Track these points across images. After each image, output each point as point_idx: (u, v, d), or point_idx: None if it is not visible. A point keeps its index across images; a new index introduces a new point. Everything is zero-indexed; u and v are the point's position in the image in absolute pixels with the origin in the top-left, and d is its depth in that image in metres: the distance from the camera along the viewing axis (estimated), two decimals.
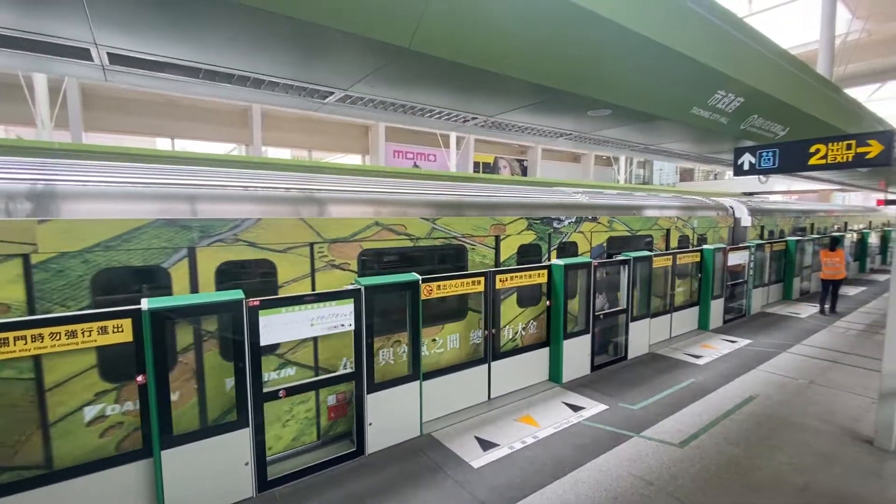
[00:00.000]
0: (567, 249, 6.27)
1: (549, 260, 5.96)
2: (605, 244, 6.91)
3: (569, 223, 6.23)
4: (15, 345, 2.68)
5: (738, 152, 4.91)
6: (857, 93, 29.76)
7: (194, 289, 3.41)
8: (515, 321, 5.45)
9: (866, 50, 20.70)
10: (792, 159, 4.54)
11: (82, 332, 2.85)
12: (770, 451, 4.08)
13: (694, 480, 3.63)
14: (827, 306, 9.71)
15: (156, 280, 3.31)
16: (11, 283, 2.82)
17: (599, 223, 6.72)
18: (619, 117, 3.65)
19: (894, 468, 3.77)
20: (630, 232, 7.35)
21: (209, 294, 3.28)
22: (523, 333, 5.55)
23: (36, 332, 2.72)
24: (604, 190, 8.22)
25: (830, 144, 4.20)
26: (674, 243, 8.42)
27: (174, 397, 3.16)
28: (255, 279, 3.73)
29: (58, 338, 2.79)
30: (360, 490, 3.51)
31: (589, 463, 3.87)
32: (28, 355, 2.75)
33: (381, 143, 21.39)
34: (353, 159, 22.42)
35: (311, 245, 3.94)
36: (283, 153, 19.46)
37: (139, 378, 3.07)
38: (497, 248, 5.38)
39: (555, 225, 6.05)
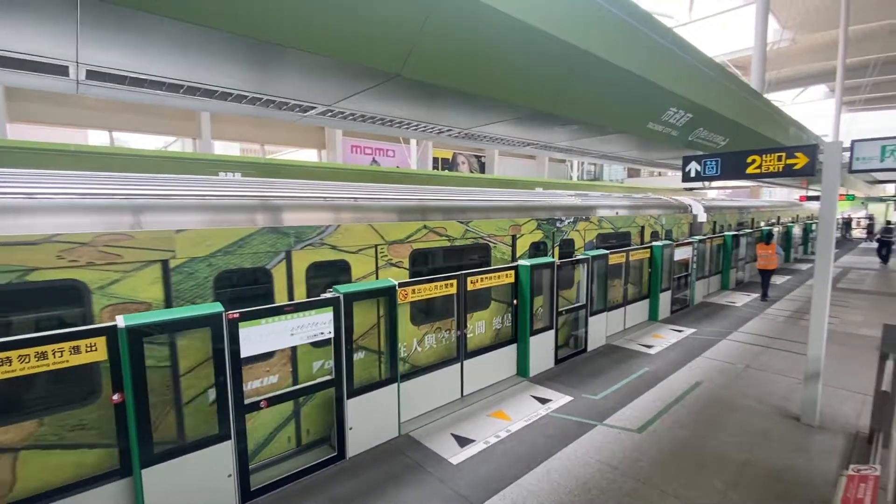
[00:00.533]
0: (566, 245, 7.16)
1: (554, 254, 6.80)
2: (594, 240, 7.88)
3: (568, 223, 7.11)
4: None
5: (686, 160, 5.35)
6: (784, 95, 32.47)
7: (290, 286, 3.93)
8: (486, 320, 5.68)
9: (792, 57, 22.60)
10: (732, 168, 5.02)
11: (53, 354, 2.75)
12: (715, 431, 4.55)
13: (652, 463, 4.00)
14: (764, 296, 10.84)
15: (261, 280, 3.82)
16: (153, 284, 3.27)
17: (591, 222, 7.69)
18: (586, 131, 3.92)
19: (818, 441, 4.32)
20: (614, 229, 8.36)
21: (187, 308, 3.22)
22: (497, 329, 5.80)
23: (3, 355, 2.60)
24: (590, 193, 9.34)
25: (764, 156, 4.70)
26: (647, 238, 9.44)
27: (156, 413, 3.11)
28: (335, 276, 4.28)
29: (27, 360, 2.67)
30: (345, 493, 3.60)
31: (559, 452, 4.16)
32: None
33: (339, 139, 20.98)
34: (308, 154, 21.85)
35: (376, 247, 4.56)
36: (232, 148, 18.63)
37: (115, 397, 2.99)
38: (514, 246, 6.15)
39: (557, 225, 6.92)
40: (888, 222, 25.50)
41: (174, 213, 3.35)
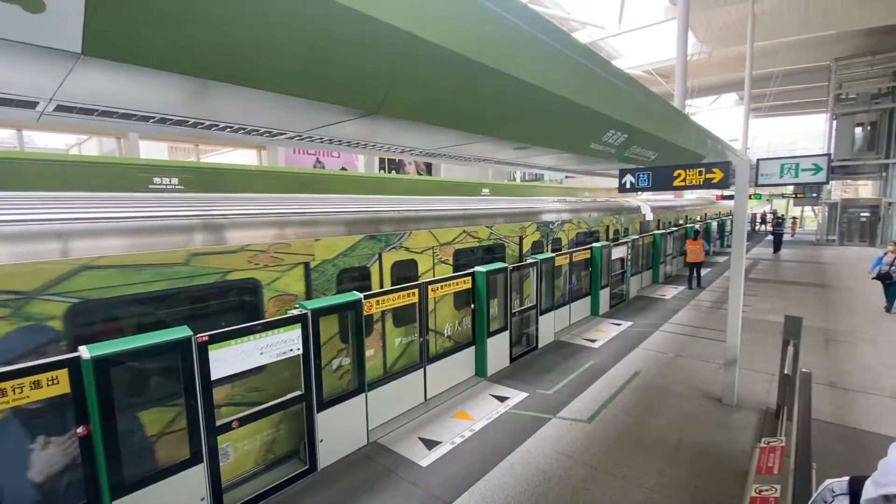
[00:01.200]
0: (556, 242, 9.06)
1: (547, 250, 8.52)
2: (574, 237, 9.79)
3: (557, 225, 9.02)
4: None
5: (622, 173, 5.91)
6: (702, 102, 35.45)
7: (381, 279, 5.21)
8: (448, 324, 5.93)
9: (708, 68, 24.73)
10: (661, 180, 5.62)
11: (13, 389, 2.64)
12: (653, 416, 5.11)
13: (601, 449, 4.45)
14: (694, 283, 12.50)
15: (364, 275, 5.04)
16: (298, 280, 4.35)
17: (573, 224, 9.65)
18: (536, 152, 4.27)
19: (736, 419, 5.00)
20: (588, 228, 10.34)
21: (154, 334, 3.17)
22: (457, 331, 6.08)
23: None
24: (568, 198, 11.16)
25: (688, 171, 5.32)
26: (612, 235, 11.45)
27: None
28: (408, 272, 5.61)
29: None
30: (324, 503, 3.70)
31: (520, 447, 4.50)
32: None
33: None
34: (247, 154, 20.95)
35: (433, 248, 5.94)
36: (160, 148, 17.43)
37: (80, 430, 2.90)
38: (521, 245, 7.80)
39: (550, 227, 8.77)
40: (776, 214, 28.98)
41: (314, 226, 4.54)
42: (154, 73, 1.81)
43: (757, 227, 34.14)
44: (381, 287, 5.16)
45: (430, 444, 4.57)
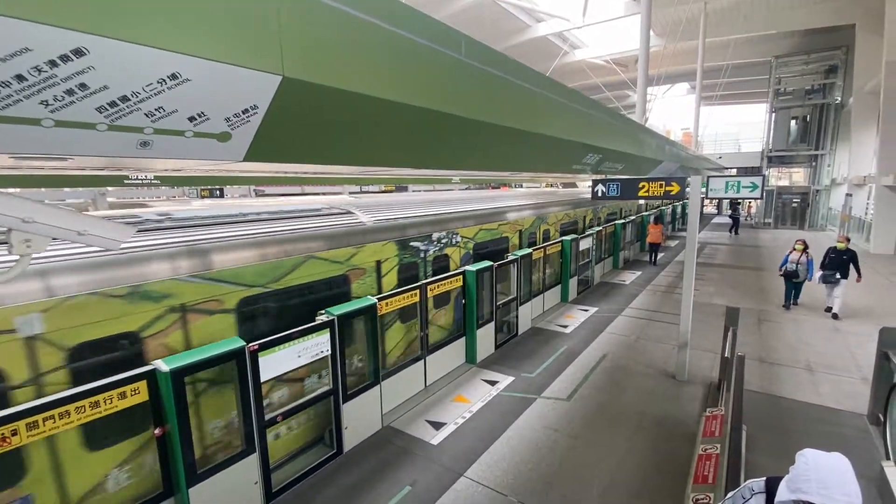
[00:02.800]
0: (545, 232, 10.75)
1: (538, 239, 10.15)
2: (558, 227, 11.49)
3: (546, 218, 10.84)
4: (44, 425, 2.85)
5: (595, 183, 6.70)
6: (657, 90, 37.14)
7: (538, 240, 9.02)
8: (444, 319, 6.62)
9: (664, 60, 26.03)
10: (628, 190, 6.46)
11: (104, 401, 3.10)
12: (620, 393, 6.06)
13: (580, 423, 5.34)
14: (655, 260, 14.79)
15: (533, 241, 8.84)
16: (516, 239, 7.74)
17: (557, 216, 11.38)
18: (530, 171, 4.97)
19: (687, 392, 6.03)
20: (569, 218, 12.00)
21: (215, 345, 3.66)
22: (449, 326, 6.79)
23: (62, 410, 2.91)
24: (557, 191, 13.39)
25: (650, 183, 6.17)
26: (588, 224, 13.21)
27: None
28: (547, 237, 9.23)
29: (83, 410, 3.00)
30: (352, 481, 4.35)
31: (513, 424, 5.31)
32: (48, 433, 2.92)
33: None
34: None
35: (519, 231, 9.01)
36: None
37: (157, 431, 3.40)
38: (520, 236, 9.32)
39: (541, 220, 10.52)
40: (731, 201, 31.42)
41: (520, 211, 8.49)
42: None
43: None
44: (543, 242, 9.59)
45: (437, 426, 5.30)
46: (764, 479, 2.13)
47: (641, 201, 16.47)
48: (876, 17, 17.03)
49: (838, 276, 8.86)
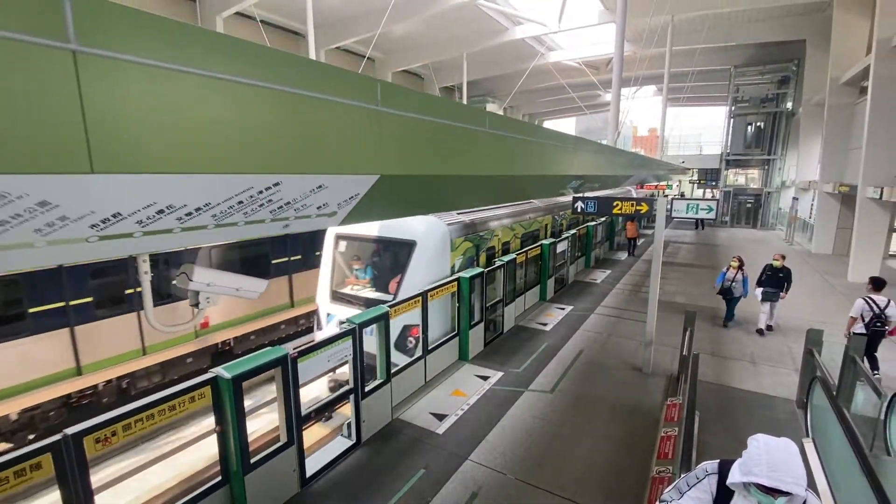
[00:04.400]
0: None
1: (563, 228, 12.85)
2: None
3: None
4: (135, 426, 3.42)
5: (574, 200, 7.53)
6: (626, 91, 38.54)
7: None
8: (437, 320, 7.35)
9: (635, 65, 27.25)
10: (604, 207, 7.33)
11: (179, 405, 3.67)
12: (595, 385, 6.98)
13: (563, 412, 6.20)
14: (632, 253, 16.84)
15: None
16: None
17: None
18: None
19: (651, 384, 7.00)
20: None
21: (263, 353, 4.26)
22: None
23: (148, 412, 3.48)
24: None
25: (623, 203, 7.05)
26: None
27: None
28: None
29: (164, 412, 3.58)
30: (377, 465, 5.06)
31: (506, 414, 6.12)
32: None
33: None
34: None
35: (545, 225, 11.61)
36: None
37: (217, 428, 3.99)
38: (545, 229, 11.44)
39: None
40: (683, 195, 33.51)
41: None
42: None
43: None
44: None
45: (440, 417, 6.05)
46: (718, 461, 2.25)
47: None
48: (824, 35, 18.63)
49: (779, 293, 8.81)
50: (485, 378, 7.20)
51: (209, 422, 6.22)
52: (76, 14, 1.17)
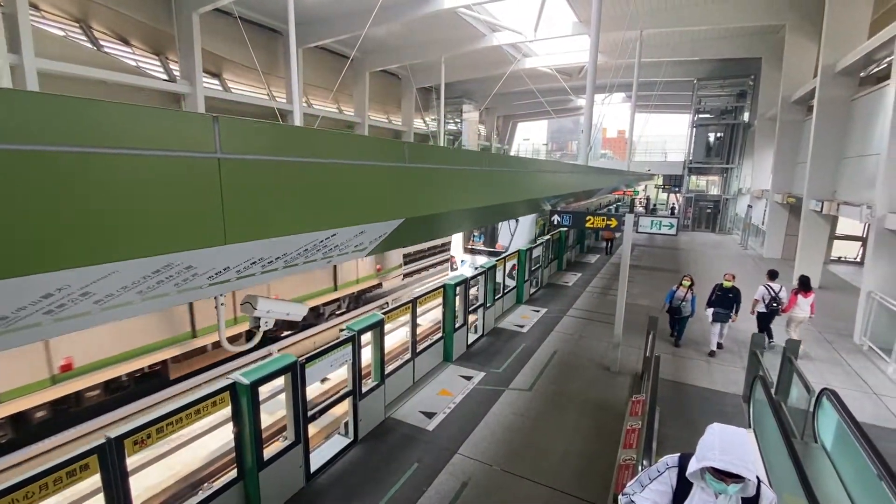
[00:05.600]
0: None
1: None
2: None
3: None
4: (166, 428, 3.78)
5: (550, 214, 8.19)
6: (597, 97, 39.90)
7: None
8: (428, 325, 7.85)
9: (606, 72, 28.37)
10: (578, 221, 8.02)
11: (203, 409, 4.05)
12: (569, 383, 7.66)
13: (540, 408, 6.84)
14: (608, 252, 18.00)
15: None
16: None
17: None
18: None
19: (619, 382, 7.74)
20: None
21: (274, 361, 4.65)
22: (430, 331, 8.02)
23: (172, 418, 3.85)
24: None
25: (595, 217, 7.75)
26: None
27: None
28: None
29: (189, 417, 3.95)
30: (373, 461, 5.53)
31: (489, 411, 6.70)
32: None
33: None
34: None
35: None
36: None
37: (234, 429, 4.38)
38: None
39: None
40: (648, 199, 35.36)
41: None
42: None
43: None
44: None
45: (429, 415, 6.57)
46: (678, 455, 2.33)
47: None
48: (778, 55, 20.08)
49: (730, 314, 8.71)
50: (468, 378, 7.76)
51: (204, 423, 6.51)
52: (223, 134, 1.63)
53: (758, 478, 2.07)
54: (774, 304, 8.83)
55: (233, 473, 4.51)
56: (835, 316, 11.37)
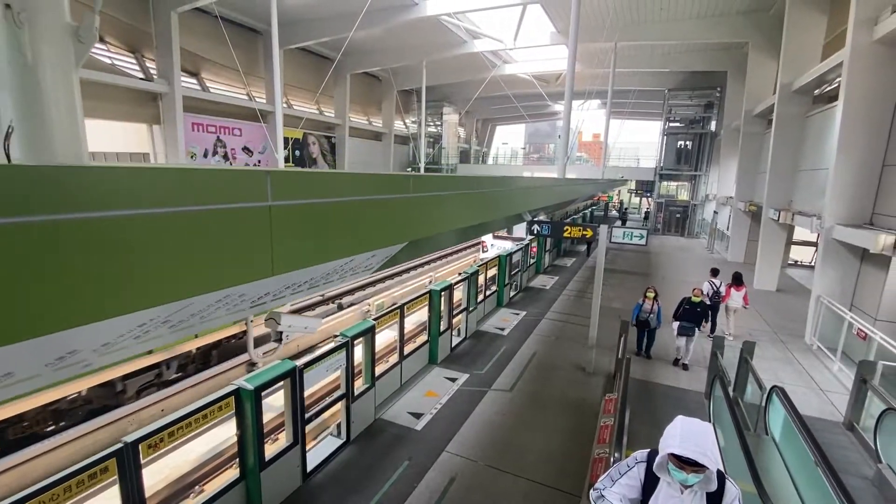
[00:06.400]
0: None
1: None
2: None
3: None
4: (177, 433, 4.03)
5: (529, 224, 8.66)
6: (574, 103, 40.97)
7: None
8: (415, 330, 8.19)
9: (582, 80, 29.23)
10: (556, 230, 8.52)
11: (210, 413, 4.30)
12: (548, 383, 8.14)
13: (521, 408, 7.29)
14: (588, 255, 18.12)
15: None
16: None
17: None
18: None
19: (593, 382, 8.27)
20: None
21: (275, 367, 4.92)
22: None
23: (176, 426, 4.09)
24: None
25: (572, 228, 8.26)
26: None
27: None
28: None
29: (197, 421, 4.20)
30: (365, 460, 5.85)
31: (473, 411, 7.11)
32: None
33: (179, 114, 19.45)
34: (139, 129, 19.60)
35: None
36: None
37: (237, 432, 4.64)
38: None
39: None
40: (622, 203, 36.55)
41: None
42: None
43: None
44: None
45: (417, 416, 6.93)
46: (647, 451, 2.42)
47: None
48: (742, 70, 21.23)
49: (696, 328, 8.85)
50: (453, 380, 8.16)
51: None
52: (273, 184, 1.97)
53: (722, 473, 2.16)
54: (716, 297, 10.62)
55: (233, 474, 4.76)
56: (790, 318, 12.28)
